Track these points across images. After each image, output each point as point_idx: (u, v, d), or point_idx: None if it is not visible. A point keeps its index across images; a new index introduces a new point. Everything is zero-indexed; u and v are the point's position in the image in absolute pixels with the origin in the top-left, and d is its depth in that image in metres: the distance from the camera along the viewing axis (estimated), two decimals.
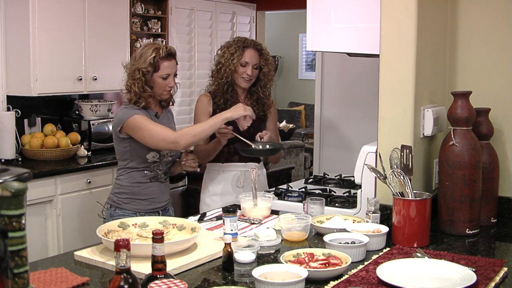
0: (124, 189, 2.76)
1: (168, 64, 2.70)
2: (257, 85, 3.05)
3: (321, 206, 2.40)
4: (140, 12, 4.88)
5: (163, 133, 2.62)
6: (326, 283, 1.72)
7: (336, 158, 3.54)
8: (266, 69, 3.02)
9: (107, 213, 2.80)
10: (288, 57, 10.29)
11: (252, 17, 6.07)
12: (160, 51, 2.66)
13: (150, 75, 2.67)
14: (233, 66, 2.94)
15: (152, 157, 2.71)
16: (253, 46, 2.99)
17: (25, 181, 2.89)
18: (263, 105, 3.07)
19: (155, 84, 2.70)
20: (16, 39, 4.03)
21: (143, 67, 2.65)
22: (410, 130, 2.28)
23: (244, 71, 2.96)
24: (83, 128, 4.38)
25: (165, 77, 2.70)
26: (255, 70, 2.99)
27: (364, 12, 2.50)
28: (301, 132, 8.41)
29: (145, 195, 2.76)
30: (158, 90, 2.72)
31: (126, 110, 2.69)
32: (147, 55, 2.65)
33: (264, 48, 3.04)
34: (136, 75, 2.66)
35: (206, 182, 3.10)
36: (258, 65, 2.99)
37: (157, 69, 2.67)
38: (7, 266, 1.15)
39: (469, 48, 2.54)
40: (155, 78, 2.69)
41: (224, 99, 2.98)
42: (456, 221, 2.26)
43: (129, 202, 2.75)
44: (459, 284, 1.66)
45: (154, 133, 2.61)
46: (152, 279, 1.50)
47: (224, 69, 2.95)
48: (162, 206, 2.83)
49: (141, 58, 2.67)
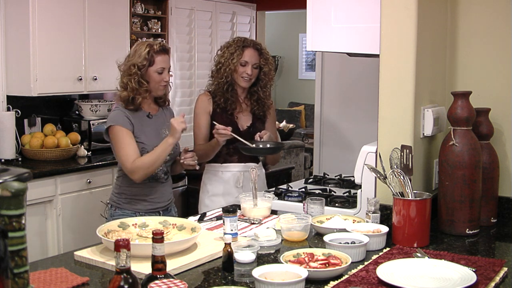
0: (123, 189, 2.77)
1: (163, 59, 2.73)
2: (258, 85, 3.05)
3: (321, 206, 2.40)
4: (140, 12, 4.88)
5: (126, 159, 2.65)
6: (326, 283, 1.72)
7: (336, 158, 3.54)
8: (266, 68, 3.02)
9: (108, 213, 2.81)
10: (288, 57, 10.28)
11: (252, 17, 6.07)
12: (154, 46, 2.71)
13: (146, 69, 2.70)
14: (233, 66, 2.94)
15: None
16: (252, 46, 3.00)
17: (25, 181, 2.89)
18: (263, 105, 3.08)
19: (150, 78, 2.72)
20: (16, 39, 4.03)
21: (138, 61, 2.68)
22: (410, 130, 2.28)
23: (244, 70, 2.96)
24: (83, 128, 4.38)
25: (160, 71, 2.72)
26: (255, 69, 2.99)
27: (364, 12, 2.50)
28: (301, 132, 8.41)
29: (144, 196, 2.76)
30: (153, 85, 2.74)
31: (114, 115, 2.71)
32: (141, 51, 2.70)
33: (264, 48, 3.04)
34: (132, 70, 2.69)
35: (205, 182, 3.09)
36: (258, 64, 2.99)
37: (152, 63, 2.71)
38: (7, 266, 1.15)
39: (469, 48, 2.54)
40: (150, 73, 2.71)
41: (224, 98, 2.99)
42: (456, 221, 2.26)
43: (129, 202, 2.76)
44: (459, 284, 1.66)
45: (120, 154, 2.67)
46: (152, 279, 1.50)
47: (224, 69, 2.96)
48: (163, 206, 2.83)
49: (136, 54, 2.71)
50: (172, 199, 2.92)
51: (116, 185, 2.82)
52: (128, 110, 2.71)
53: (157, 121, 2.79)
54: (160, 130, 2.79)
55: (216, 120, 2.97)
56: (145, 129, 2.73)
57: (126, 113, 2.70)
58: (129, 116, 2.70)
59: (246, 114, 3.07)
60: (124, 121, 2.68)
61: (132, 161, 2.64)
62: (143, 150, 2.69)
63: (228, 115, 3.01)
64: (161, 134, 2.78)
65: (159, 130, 2.79)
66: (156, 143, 2.71)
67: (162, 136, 2.77)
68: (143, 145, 2.70)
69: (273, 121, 3.20)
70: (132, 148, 2.66)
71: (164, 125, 2.81)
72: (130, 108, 2.71)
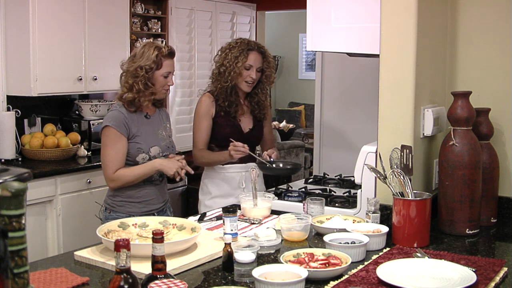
0: (117, 191, 2.74)
1: (169, 63, 2.74)
2: (258, 88, 3.04)
3: (321, 206, 2.40)
4: (140, 12, 4.88)
5: (110, 165, 2.66)
6: (326, 283, 1.72)
7: (336, 158, 3.53)
8: (269, 72, 3.01)
9: (103, 215, 2.79)
10: (288, 57, 10.29)
11: (252, 17, 6.06)
12: (162, 50, 2.71)
13: (152, 72, 2.69)
14: (237, 70, 2.92)
15: (142, 159, 2.70)
16: (257, 49, 2.98)
17: (25, 181, 2.89)
18: (263, 107, 3.08)
19: (156, 82, 2.72)
20: (16, 39, 4.03)
21: (146, 64, 2.67)
22: (410, 130, 2.28)
23: (248, 74, 2.94)
24: (83, 128, 4.38)
25: (166, 75, 2.73)
26: (258, 73, 2.98)
27: (364, 12, 2.50)
28: (301, 132, 8.41)
29: (139, 198, 2.74)
30: (158, 88, 2.73)
31: (111, 115, 2.70)
32: (150, 53, 2.68)
33: (267, 51, 3.03)
34: (139, 72, 2.67)
35: (205, 183, 3.08)
36: (261, 68, 2.99)
37: (159, 67, 2.70)
38: (7, 266, 1.15)
39: (469, 48, 2.54)
40: (156, 76, 2.71)
41: (229, 102, 2.97)
42: (456, 221, 2.26)
43: (123, 205, 2.73)
44: (459, 284, 1.66)
45: (106, 159, 2.66)
46: (152, 279, 1.50)
47: (229, 72, 2.93)
48: (158, 208, 2.81)
49: (143, 56, 2.69)
50: (167, 200, 2.90)
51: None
52: (128, 111, 2.70)
53: (154, 122, 2.79)
54: (157, 130, 2.79)
55: (219, 123, 2.96)
56: (142, 129, 2.72)
57: (125, 114, 2.68)
58: (127, 118, 2.68)
59: (247, 117, 3.07)
60: (120, 124, 2.66)
61: (115, 170, 2.65)
62: (138, 151, 2.68)
63: (231, 118, 3.00)
64: (158, 134, 2.78)
65: (156, 130, 2.78)
66: (152, 143, 2.71)
67: (159, 137, 2.77)
68: (139, 145, 2.69)
69: (269, 123, 3.21)
70: (120, 156, 2.66)
71: (161, 126, 2.81)
72: (131, 109, 2.70)
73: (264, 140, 3.18)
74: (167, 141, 2.81)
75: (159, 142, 2.76)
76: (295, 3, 4.75)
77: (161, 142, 2.77)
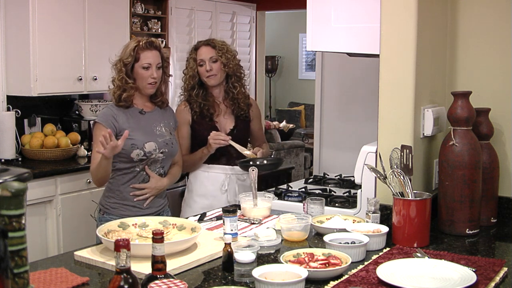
0: (112, 193, 2.70)
1: (149, 54, 2.68)
2: (229, 82, 3.03)
3: (321, 206, 2.40)
4: (140, 12, 4.89)
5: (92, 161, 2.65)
6: (326, 283, 1.72)
7: (336, 158, 3.53)
8: (224, 59, 2.96)
9: (97, 215, 2.77)
10: (288, 57, 10.29)
11: (252, 17, 6.07)
12: (140, 42, 2.68)
13: (131, 65, 2.67)
14: (191, 71, 2.97)
15: (137, 155, 2.64)
16: (204, 43, 3.02)
17: (25, 181, 2.89)
18: (239, 103, 3.03)
19: (137, 75, 2.68)
20: (16, 39, 4.03)
21: (124, 57, 2.67)
22: (410, 130, 2.28)
23: (204, 69, 2.96)
24: (83, 128, 4.38)
25: (146, 67, 2.66)
26: (214, 63, 2.96)
27: (364, 12, 2.49)
28: (301, 132, 8.42)
29: (134, 202, 2.69)
30: (141, 82, 2.69)
31: (102, 112, 2.73)
32: (128, 46, 2.69)
33: (218, 41, 3.02)
34: (118, 66, 2.68)
35: (190, 181, 3.05)
36: (215, 58, 2.97)
37: (137, 59, 2.67)
38: (7, 266, 1.15)
39: (469, 48, 2.53)
40: (136, 69, 2.68)
41: (198, 104, 2.97)
42: (456, 221, 2.26)
43: (117, 208, 2.68)
44: (459, 284, 1.66)
45: (94, 156, 2.63)
46: (152, 279, 1.50)
47: (188, 76, 2.99)
48: (154, 212, 2.73)
49: (124, 50, 2.70)
50: (165, 204, 2.82)
51: (107, 188, 2.74)
52: (118, 107, 2.68)
53: (150, 118, 2.74)
54: (155, 128, 2.73)
55: (196, 128, 2.96)
56: (136, 125, 2.68)
57: (114, 110, 2.67)
58: (115, 114, 2.66)
59: (227, 117, 3.03)
60: (107, 120, 2.64)
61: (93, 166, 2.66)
62: (133, 146, 2.62)
63: (207, 121, 2.97)
64: (155, 131, 2.72)
65: (152, 127, 2.73)
66: (147, 139, 2.66)
67: (157, 133, 2.71)
68: (133, 141, 2.62)
69: (258, 120, 3.16)
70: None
71: (160, 123, 2.75)
72: (121, 104, 2.68)
73: (253, 138, 3.16)
74: (166, 138, 2.74)
75: (155, 138, 2.70)
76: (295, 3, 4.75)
77: (158, 138, 2.70)
